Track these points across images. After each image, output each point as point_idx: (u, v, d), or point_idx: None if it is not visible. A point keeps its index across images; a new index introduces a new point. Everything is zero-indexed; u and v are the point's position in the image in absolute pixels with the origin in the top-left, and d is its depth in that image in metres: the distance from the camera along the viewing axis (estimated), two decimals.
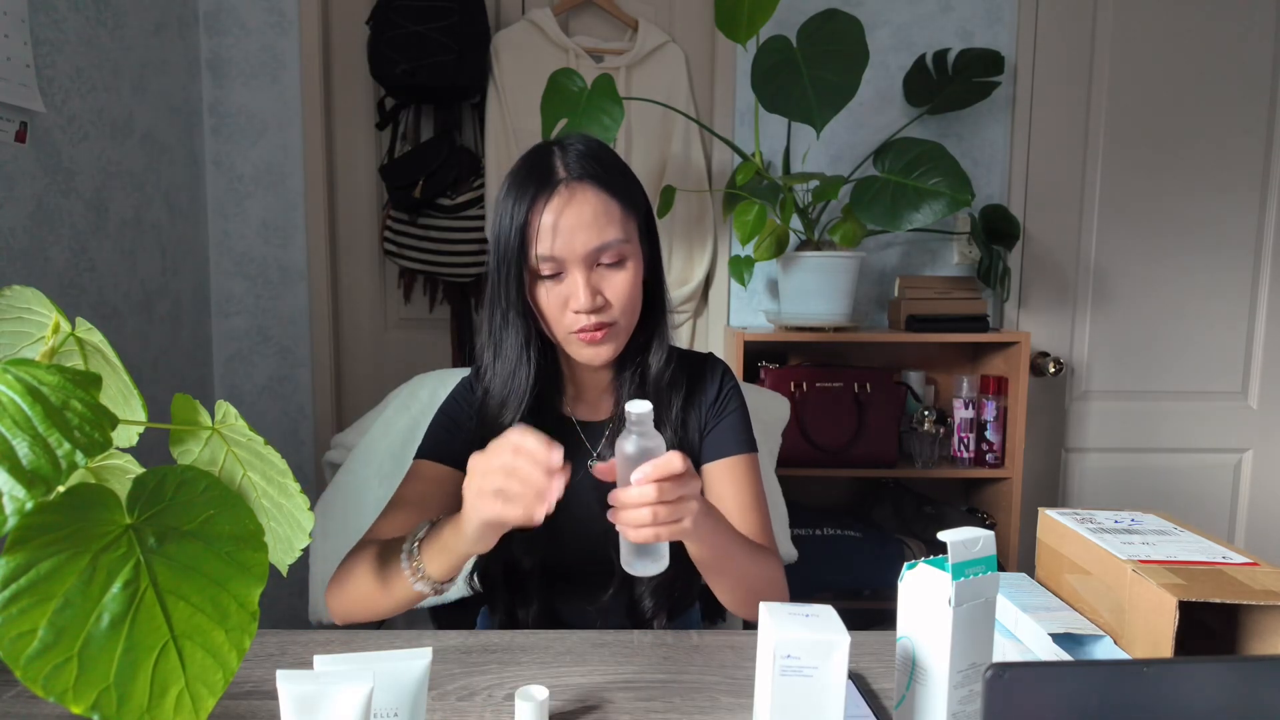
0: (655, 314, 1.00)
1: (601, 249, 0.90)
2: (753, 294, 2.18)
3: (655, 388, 1.00)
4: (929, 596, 0.64)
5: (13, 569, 0.47)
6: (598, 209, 0.90)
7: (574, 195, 0.90)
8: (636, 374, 1.00)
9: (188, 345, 2.02)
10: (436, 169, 2.02)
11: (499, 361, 0.96)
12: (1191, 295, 2.17)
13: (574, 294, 0.90)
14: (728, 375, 1.07)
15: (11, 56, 1.38)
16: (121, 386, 0.63)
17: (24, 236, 1.45)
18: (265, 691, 0.78)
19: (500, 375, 0.97)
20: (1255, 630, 0.74)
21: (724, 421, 1.03)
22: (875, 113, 2.12)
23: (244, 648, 0.54)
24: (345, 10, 2.12)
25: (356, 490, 1.32)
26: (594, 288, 0.90)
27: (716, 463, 1.02)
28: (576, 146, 0.94)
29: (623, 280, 0.92)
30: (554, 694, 0.79)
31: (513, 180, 0.94)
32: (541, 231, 0.89)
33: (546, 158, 0.93)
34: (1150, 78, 2.11)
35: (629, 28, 2.10)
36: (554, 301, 0.92)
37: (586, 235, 0.89)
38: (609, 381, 1.03)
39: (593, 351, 0.93)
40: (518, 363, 0.95)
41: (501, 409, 0.97)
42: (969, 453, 2.00)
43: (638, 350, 1.00)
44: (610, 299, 0.92)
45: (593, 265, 0.91)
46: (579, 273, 0.90)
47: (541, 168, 0.92)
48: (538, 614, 1.02)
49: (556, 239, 0.89)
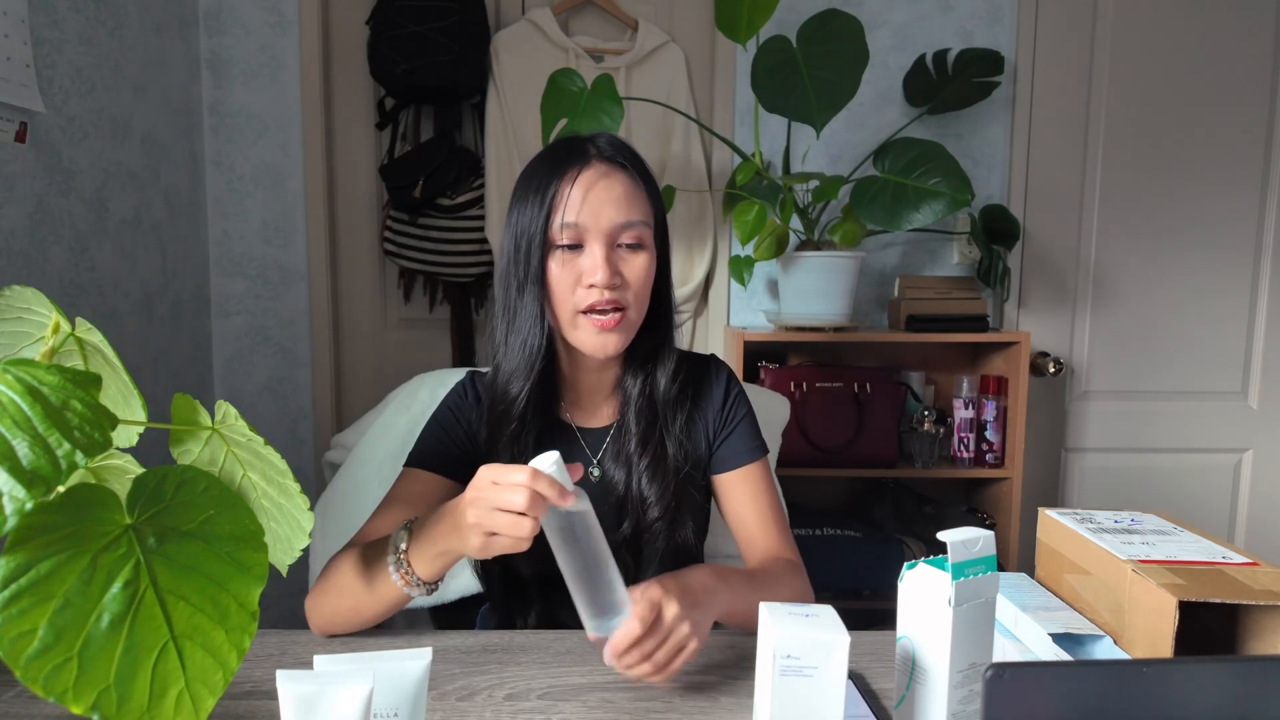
0: (663, 320, 1.00)
1: (626, 226, 0.91)
2: (753, 294, 2.18)
3: (663, 400, 0.99)
4: (929, 596, 0.64)
5: (13, 569, 0.47)
6: (627, 189, 0.92)
7: (606, 172, 0.92)
8: (645, 385, 0.99)
9: (188, 345, 2.02)
10: (436, 169, 2.02)
11: (513, 334, 0.94)
12: (1191, 295, 2.17)
13: (591, 267, 0.89)
14: (732, 379, 1.06)
15: (11, 56, 1.38)
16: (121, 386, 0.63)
17: (24, 236, 1.45)
18: (265, 691, 0.78)
19: (513, 346, 0.95)
20: (1255, 630, 0.74)
21: (735, 431, 1.03)
22: (875, 113, 2.12)
23: (244, 648, 0.54)
24: (345, 10, 2.12)
25: (356, 490, 1.32)
26: (613, 265, 0.90)
27: (732, 473, 1.02)
28: (607, 138, 0.96)
29: (640, 264, 0.92)
30: (554, 694, 0.79)
31: (540, 162, 0.95)
32: (570, 200, 0.90)
33: (579, 141, 0.95)
34: (1150, 77, 2.11)
35: (629, 28, 2.10)
36: (568, 275, 0.91)
37: (614, 210, 0.90)
38: (611, 387, 1.02)
39: (601, 340, 0.92)
40: (530, 330, 0.93)
41: (510, 381, 0.95)
42: (969, 453, 2.00)
43: (646, 358, 1.00)
44: (627, 279, 0.91)
45: (613, 243, 0.91)
46: (599, 246, 0.90)
47: (574, 147, 0.94)
48: (537, 621, 1.02)
49: (584, 208, 0.90)
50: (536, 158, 0.97)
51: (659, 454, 0.98)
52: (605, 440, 1.02)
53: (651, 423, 0.99)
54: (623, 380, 1.01)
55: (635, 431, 0.98)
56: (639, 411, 0.99)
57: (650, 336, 0.99)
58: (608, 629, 0.72)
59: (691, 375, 1.04)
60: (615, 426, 1.02)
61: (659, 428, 0.99)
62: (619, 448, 1.00)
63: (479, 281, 2.16)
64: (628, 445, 0.99)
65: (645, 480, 0.97)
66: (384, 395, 1.44)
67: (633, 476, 0.98)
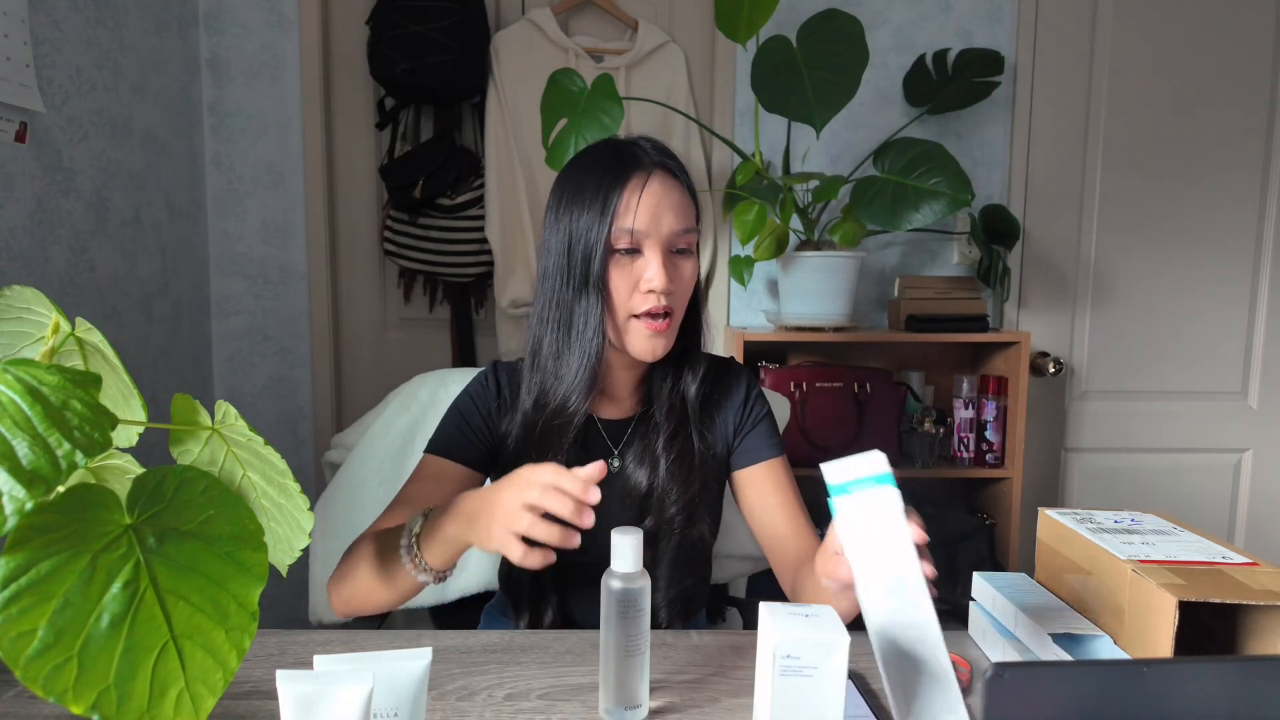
0: (694, 324, 1.03)
1: (683, 233, 0.94)
2: (753, 294, 2.18)
3: (693, 399, 1.02)
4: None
5: (13, 569, 0.47)
6: (682, 196, 0.95)
7: (666, 180, 0.94)
8: (677, 385, 1.02)
9: (188, 345, 2.02)
10: (436, 169, 2.02)
11: (571, 339, 0.95)
12: (1191, 295, 2.17)
13: (649, 273, 0.92)
14: (752, 381, 1.09)
15: (11, 56, 1.38)
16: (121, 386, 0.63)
17: (24, 236, 1.45)
18: (265, 691, 0.77)
19: (572, 352, 0.95)
20: (1255, 630, 0.74)
21: (757, 428, 1.06)
22: (875, 113, 2.12)
23: (244, 648, 0.54)
24: (345, 10, 2.12)
25: (356, 490, 1.32)
26: (669, 271, 0.93)
27: (755, 467, 1.05)
28: (651, 142, 0.98)
29: (690, 269, 0.96)
30: (554, 694, 0.79)
31: (587, 169, 0.95)
32: (639, 208, 0.91)
33: (628, 148, 0.96)
34: (1150, 77, 2.11)
35: (629, 28, 2.10)
36: (626, 280, 0.93)
37: (673, 217, 0.93)
38: (635, 382, 1.04)
39: (651, 344, 0.94)
40: (592, 338, 0.93)
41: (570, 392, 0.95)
42: (969, 453, 2.00)
43: (676, 357, 1.02)
44: (679, 285, 0.95)
45: (670, 249, 0.94)
46: (656, 253, 0.92)
47: (628, 154, 0.95)
48: (553, 619, 1.02)
49: (650, 216, 0.92)
50: (581, 163, 0.97)
51: (685, 449, 1.00)
52: (626, 432, 1.04)
53: (681, 420, 1.01)
54: (651, 378, 1.03)
55: (664, 427, 1.00)
56: (669, 408, 1.01)
57: (682, 337, 1.01)
58: (620, 717, 0.73)
59: (714, 374, 1.06)
60: (637, 419, 1.04)
61: (688, 425, 1.01)
62: (644, 442, 1.02)
63: (479, 281, 2.16)
64: (654, 441, 1.01)
65: (669, 475, 0.99)
66: (384, 395, 1.44)
67: (658, 471, 1.00)
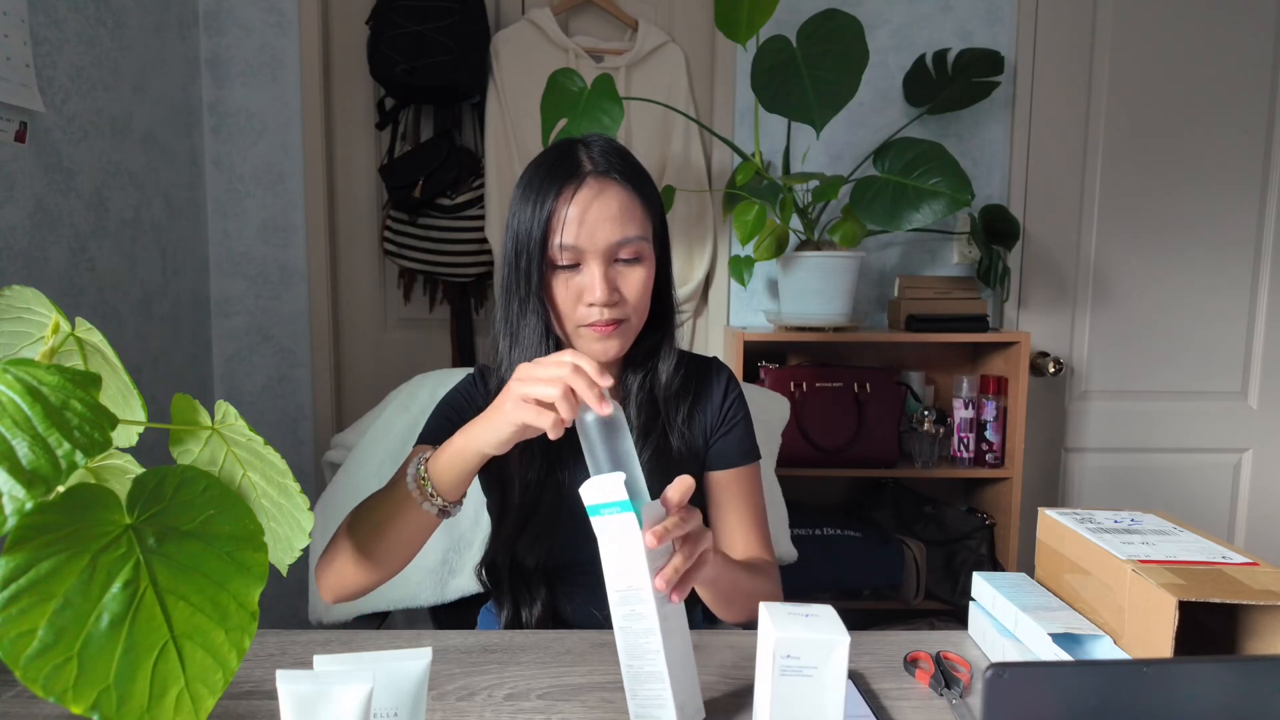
0: (664, 318, 1.01)
1: (622, 243, 0.91)
2: (753, 294, 2.18)
3: (664, 394, 1.00)
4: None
5: (13, 569, 0.47)
6: (622, 204, 0.92)
7: (601, 189, 0.91)
8: (646, 379, 1.01)
9: (187, 345, 2.02)
10: (436, 169, 2.02)
11: (516, 349, 0.96)
12: (1191, 295, 2.17)
13: (590, 286, 0.91)
14: (732, 381, 1.08)
15: (11, 56, 1.38)
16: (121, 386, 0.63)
17: (24, 236, 1.45)
18: (265, 691, 0.78)
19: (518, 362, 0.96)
20: (1255, 630, 0.74)
21: (732, 431, 1.05)
22: (875, 113, 2.12)
23: (244, 648, 0.54)
24: (345, 10, 2.12)
25: (356, 490, 1.32)
26: (610, 282, 0.91)
27: (724, 472, 1.04)
28: (600, 144, 0.96)
29: (638, 277, 0.93)
30: (554, 694, 0.79)
31: (536, 171, 0.95)
32: (567, 221, 0.90)
33: (572, 152, 0.95)
34: (1150, 77, 2.11)
35: (629, 28, 2.10)
36: (569, 293, 0.92)
37: (610, 228, 0.91)
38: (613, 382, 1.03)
39: (602, 346, 0.93)
40: (537, 350, 0.94)
41: None
42: (969, 453, 2.00)
43: (647, 355, 1.01)
44: (625, 295, 0.93)
45: (611, 260, 0.92)
46: (597, 265, 0.91)
47: (568, 160, 0.93)
48: (541, 615, 1.02)
49: (581, 229, 0.90)
50: (533, 164, 0.97)
51: (661, 445, 0.99)
52: None
53: (652, 416, 1.00)
54: (623, 375, 1.02)
55: (636, 424, 0.99)
56: (639, 405, 1.00)
57: (651, 334, 1.00)
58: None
59: (692, 373, 1.05)
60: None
61: (660, 421, 1.00)
62: None
63: (479, 281, 2.16)
64: None
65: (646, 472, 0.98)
66: (384, 395, 1.44)
67: None
